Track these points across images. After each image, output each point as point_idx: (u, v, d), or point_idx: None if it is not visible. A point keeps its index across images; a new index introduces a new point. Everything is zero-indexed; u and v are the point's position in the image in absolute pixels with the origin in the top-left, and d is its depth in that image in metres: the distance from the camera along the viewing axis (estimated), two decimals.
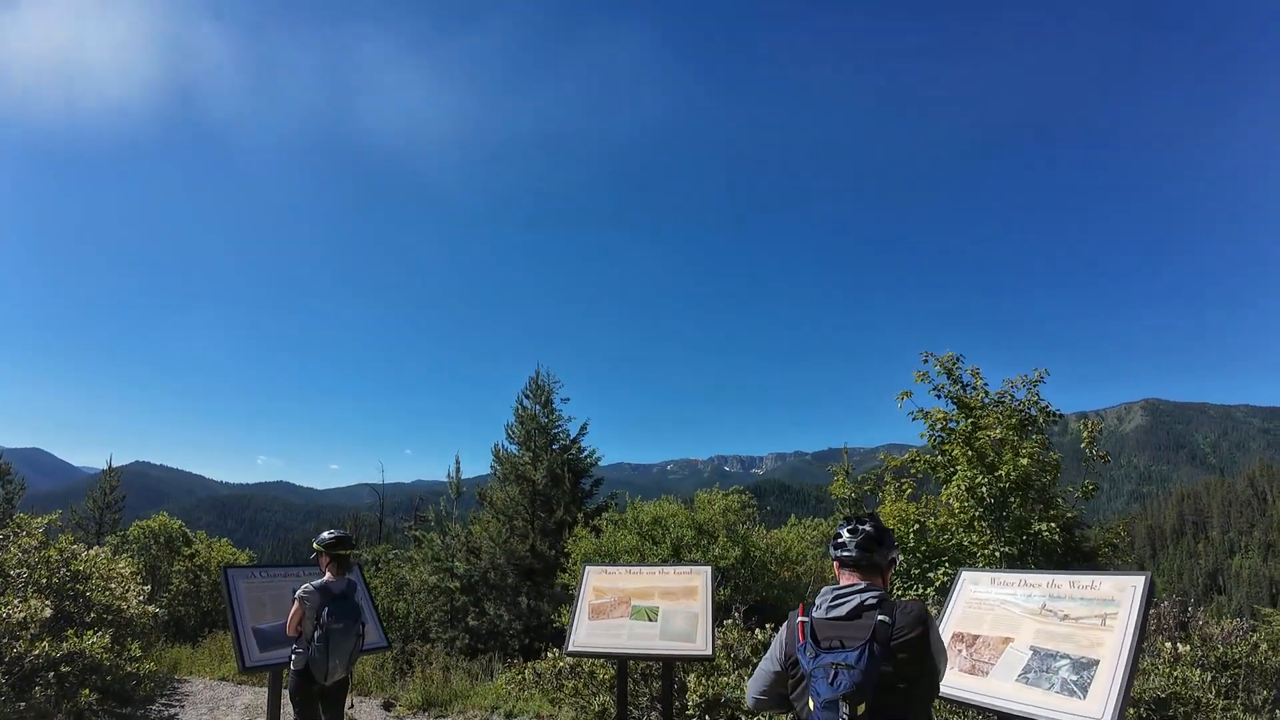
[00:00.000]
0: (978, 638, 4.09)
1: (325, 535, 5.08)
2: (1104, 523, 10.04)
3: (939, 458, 8.52)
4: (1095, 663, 3.59)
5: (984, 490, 7.76)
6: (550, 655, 7.56)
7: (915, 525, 8.48)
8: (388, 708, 8.16)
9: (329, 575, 4.95)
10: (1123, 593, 3.81)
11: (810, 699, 2.42)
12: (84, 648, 7.71)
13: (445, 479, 20.89)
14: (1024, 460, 7.75)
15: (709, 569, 5.63)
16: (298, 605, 4.78)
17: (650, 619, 5.39)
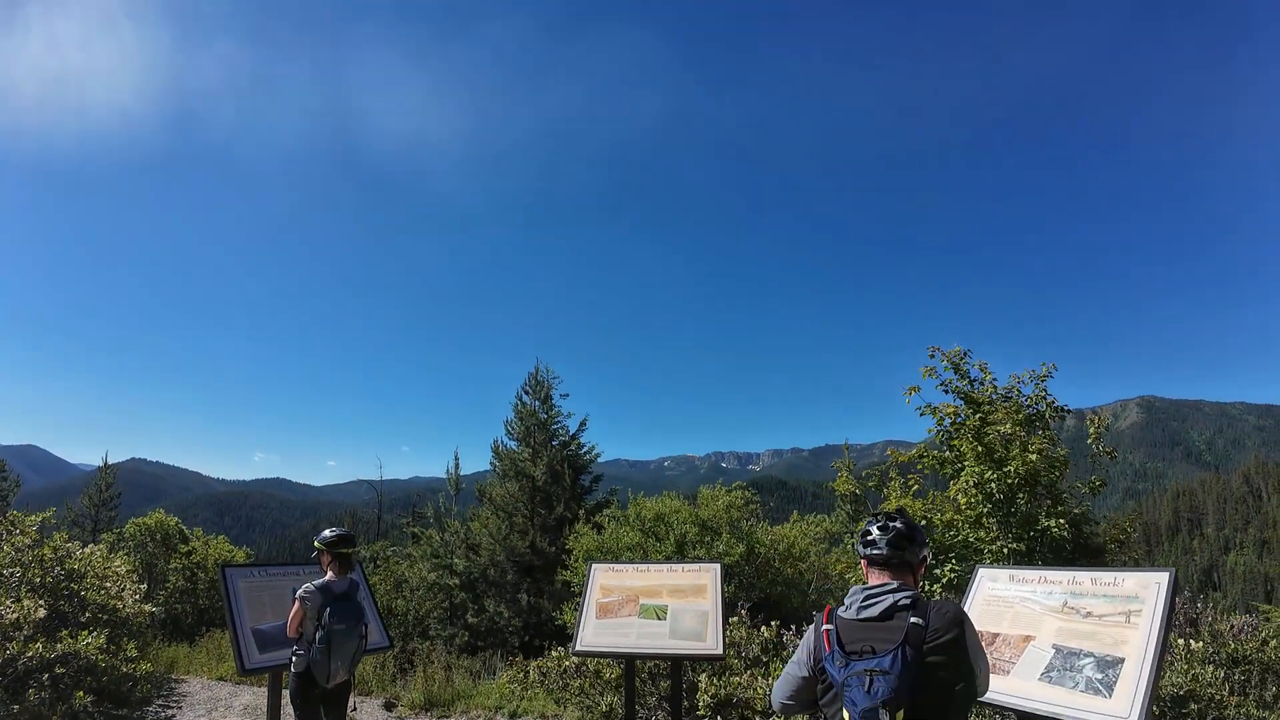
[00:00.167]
0: (997, 636, 4.00)
1: (327, 533, 4.95)
2: (1101, 519, 9.96)
3: (947, 453, 8.42)
4: (1120, 661, 3.50)
5: (993, 486, 7.67)
6: (555, 654, 7.45)
7: (921, 522, 8.38)
8: (389, 708, 8.04)
9: (330, 574, 4.83)
10: (1146, 589, 3.72)
11: (846, 709, 2.32)
12: (79, 648, 7.58)
13: (443, 475, 20.78)
14: (1033, 456, 7.66)
15: (718, 566, 5.52)
16: (298, 605, 4.66)
17: (659, 618, 5.28)
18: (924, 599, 2.47)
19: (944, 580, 7.79)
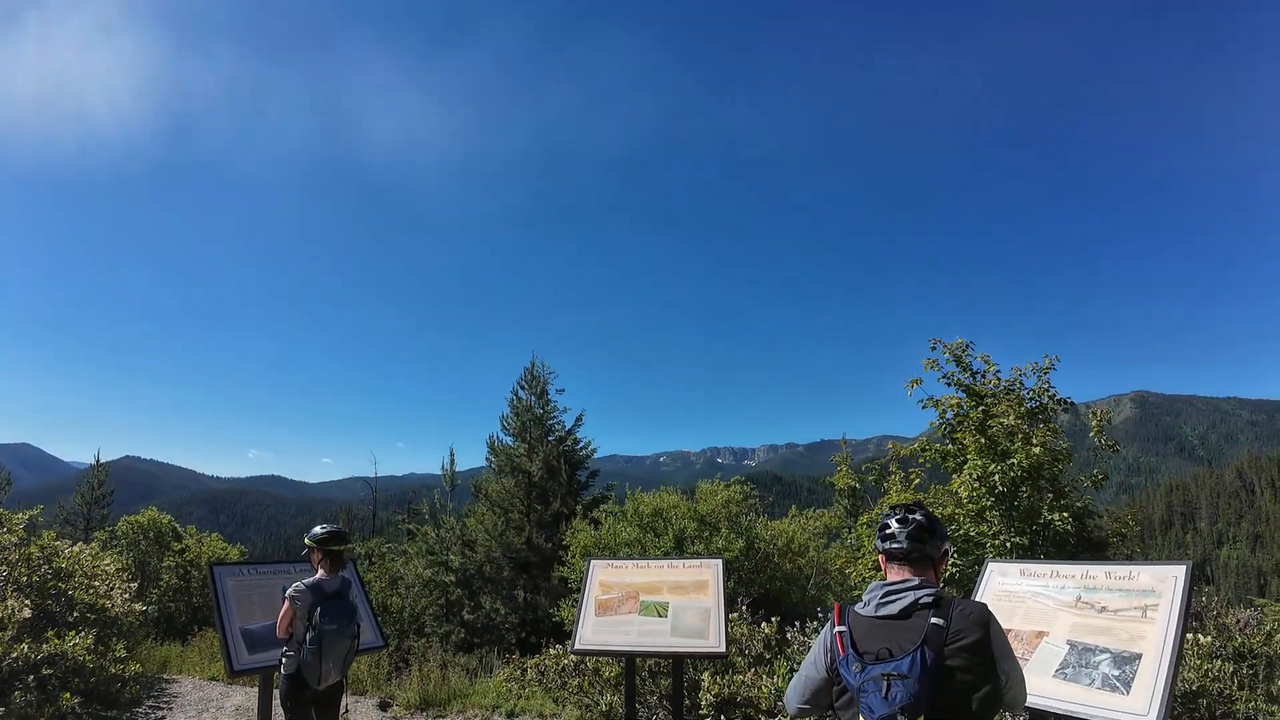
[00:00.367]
0: (1009, 631, 3.87)
1: (318, 530, 4.80)
2: (1104, 513, 9.87)
3: (949, 446, 8.32)
4: (1138, 656, 3.40)
5: (996, 479, 7.57)
6: (553, 652, 7.32)
7: None
8: (384, 708, 7.91)
9: (322, 573, 4.68)
10: (1163, 583, 3.61)
11: (863, 715, 2.19)
12: (66, 649, 7.45)
13: (438, 472, 20.62)
14: (1036, 448, 7.56)
15: (720, 562, 5.39)
16: (288, 605, 4.52)
17: (660, 615, 5.16)
18: (947, 597, 2.32)
19: (945, 575, 7.69)
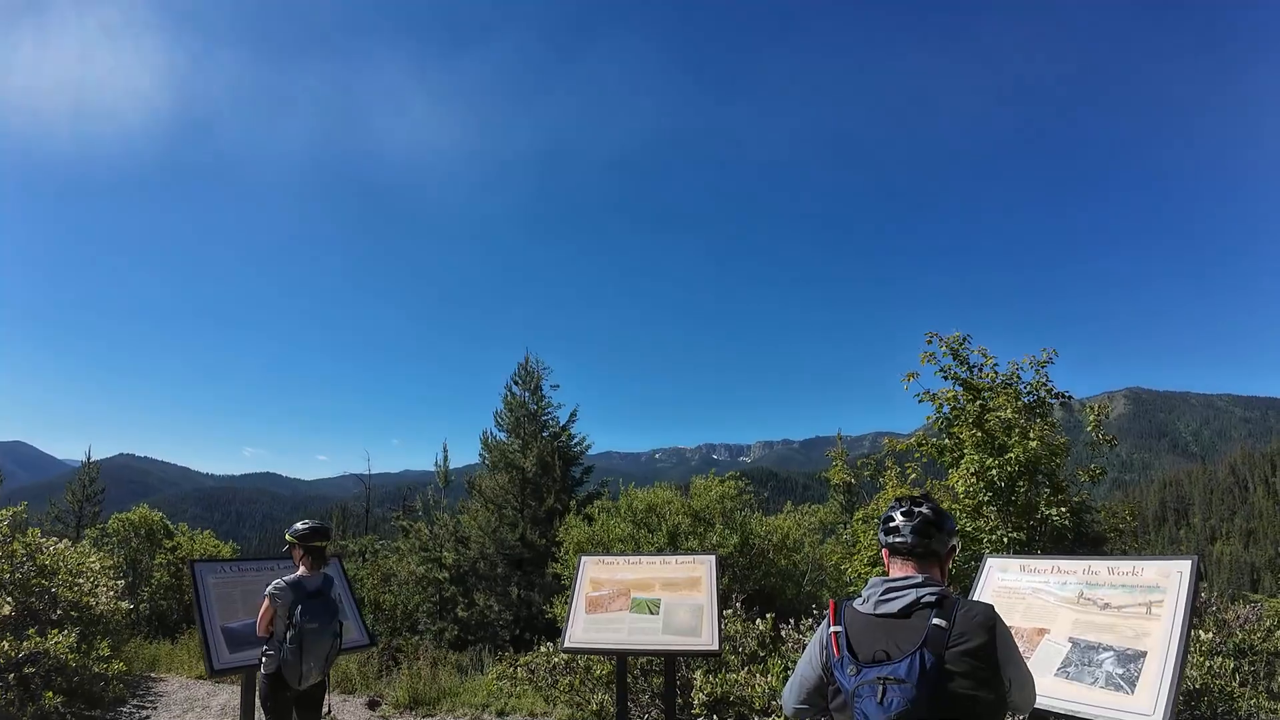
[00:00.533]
0: (1010, 628, 3.78)
1: (299, 526, 4.67)
2: (1102, 507, 9.79)
3: (946, 441, 8.22)
4: (1143, 654, 3.29)
5: (994, 473, 7.47)
6: (544, 649, 7.20)
7: None
8: (373, 706, 7.78)
9: (303, 569, 4.55)
10: (1168, 579, 3.51)
11: None
12: (48, 647, 7.31)
13: (433, 469, 20.48)
14: (1033, 442, 7.47)
15: (713, 558, 5.26)
16: (268, 603, 4.39)
17: (652, 612, 5.03)
18: (952, 596, 2.17)
19: (952, 571, 7.60)
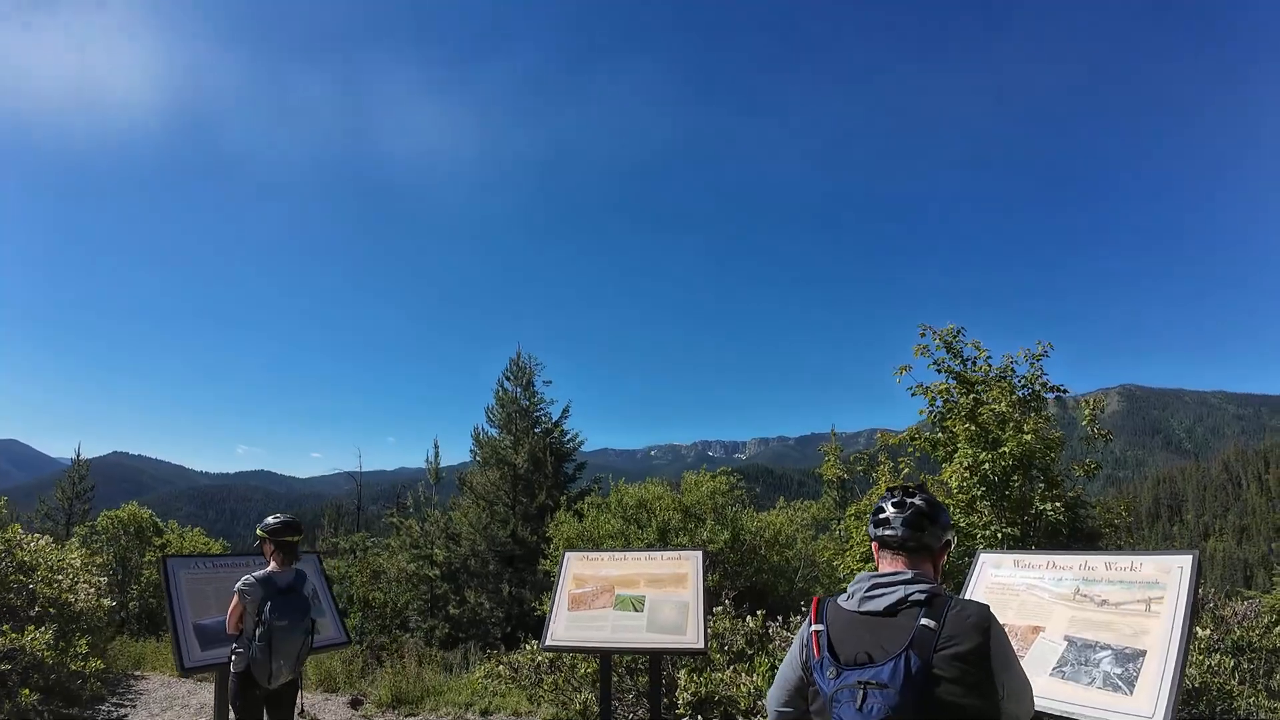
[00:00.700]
0: (1006, 630, 3.64)
1: (270, 520, 4.53)
2: (1097, 502, 9.69)
3: (939, 435, 8.09)
4: (1142, 653, 3.15)
5: (987, 468, 7.35)
6: (528, 648, 7.06)
7: None
8: (355, 705, 7.64)
9: (274, 565, 4.41)
10: (1168, 575, 3.37)
11: None
12: (25, 644, 7.16)
13: (427, 466, 20.35)
14: (1028, 436, 7.35)
15: (699, 554, 5.11)
16: (237, 600, 4.25)
17: (636, 609, 4.88)
18: (944, 595, 1.98)
19: (945, 567, 7.47)
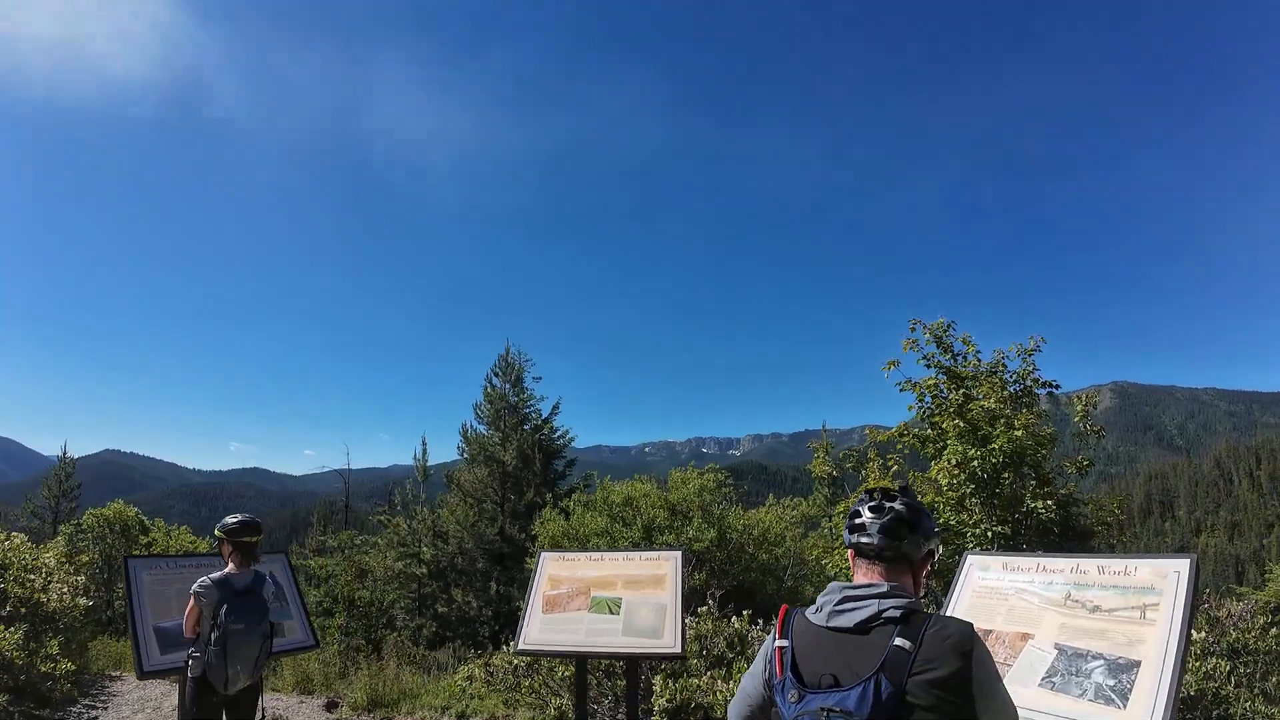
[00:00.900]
0: (990, 633, 3.46)
1: (230, 520, 4.33)
2: (1089, 500, 9.57)
3: (928, 431, 7.94)
4: (1136, 664, 2.98)
5: (976, 465, 7.19)
6: (505, 650, 6.88)
7: None
8: (331, 708, 7.45)
9: (232, 567, 4.21)
10: (1164, 580, 3.20)
11: None
12: None
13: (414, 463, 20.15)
14: (1018, 432, 7.20)
15: (679, 554, 4.92)
16: (193, 602, 4.06)
17: (612, 612, 4.70)
18: (922, 612, 1.75)
19: (926, 582, 7.32)
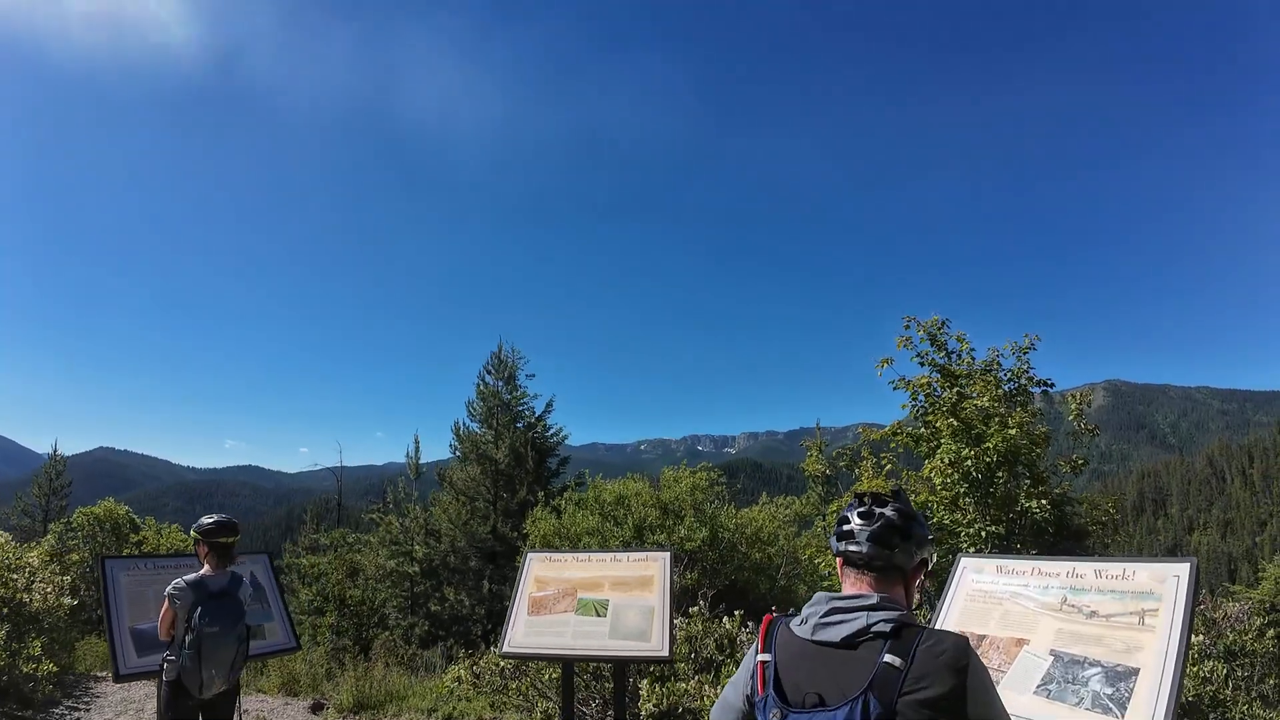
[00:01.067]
0: (984, 639, 3.36)
1: (205, 520, 4.20)
2: (1083, 499, 9.51)
3: (922, 429, 7.86)
4: (1134, 672, 2.87)
5: (970, 464, 7.12)
6: (491, 652, 6.77)
7: None
8: (316, 710, 7.34)
9: (207, 568, 4.09)
10: (1163, 584, 3.09)
11: None
12: None
13: (411, 461, 20.02)
14: (1012, 431, 7.12)
15: (668, 554, 4.81)
16: (167, 604, 3.94)
17: (599, 614, 4.59)
18: (914, 626, 1.62)
19: (918, 595, 7.24)
